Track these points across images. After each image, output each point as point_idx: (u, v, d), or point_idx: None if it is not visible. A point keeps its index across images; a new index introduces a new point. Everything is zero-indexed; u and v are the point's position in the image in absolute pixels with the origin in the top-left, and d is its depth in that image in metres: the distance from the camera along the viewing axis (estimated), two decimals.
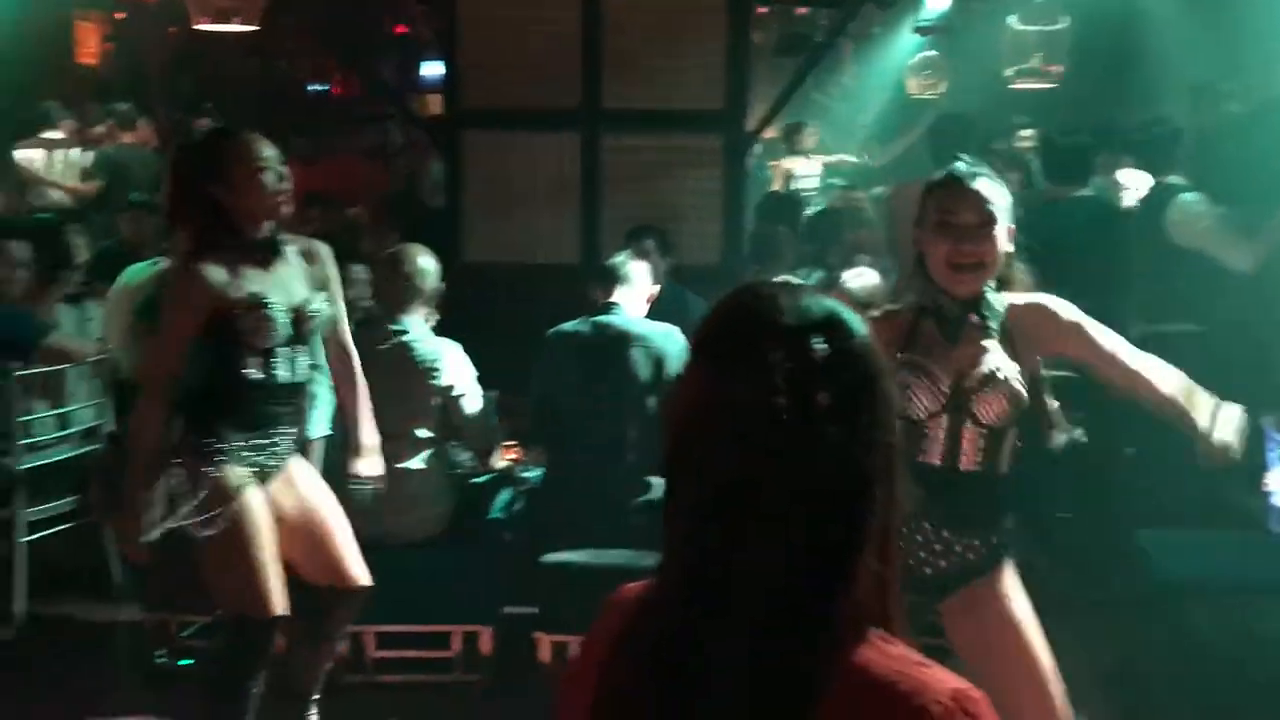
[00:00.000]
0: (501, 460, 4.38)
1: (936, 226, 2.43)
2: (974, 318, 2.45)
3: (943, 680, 1.02)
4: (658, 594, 1.10)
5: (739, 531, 1.02)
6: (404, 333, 3.83)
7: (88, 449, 4.56)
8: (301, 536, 3.20)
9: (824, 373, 1.02)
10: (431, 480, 3.90)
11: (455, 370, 3.87)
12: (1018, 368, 2.44)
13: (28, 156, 7.84)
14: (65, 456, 4.48)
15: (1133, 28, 8.19)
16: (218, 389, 3.00)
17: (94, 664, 4.18)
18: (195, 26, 6.40)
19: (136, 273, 5.65)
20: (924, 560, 2.47)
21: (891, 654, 1.04)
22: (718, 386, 1.04)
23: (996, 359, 2.43)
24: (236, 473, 3.02)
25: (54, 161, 7.83)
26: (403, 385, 3.80)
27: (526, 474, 4.46)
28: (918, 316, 2.48)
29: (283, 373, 3.07)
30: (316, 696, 3.37)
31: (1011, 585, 2.51)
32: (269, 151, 3.02)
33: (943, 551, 2.47)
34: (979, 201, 2.42)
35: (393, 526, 3.85)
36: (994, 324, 2.45)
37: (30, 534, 4.31)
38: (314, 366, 3.26)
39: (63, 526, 4.53)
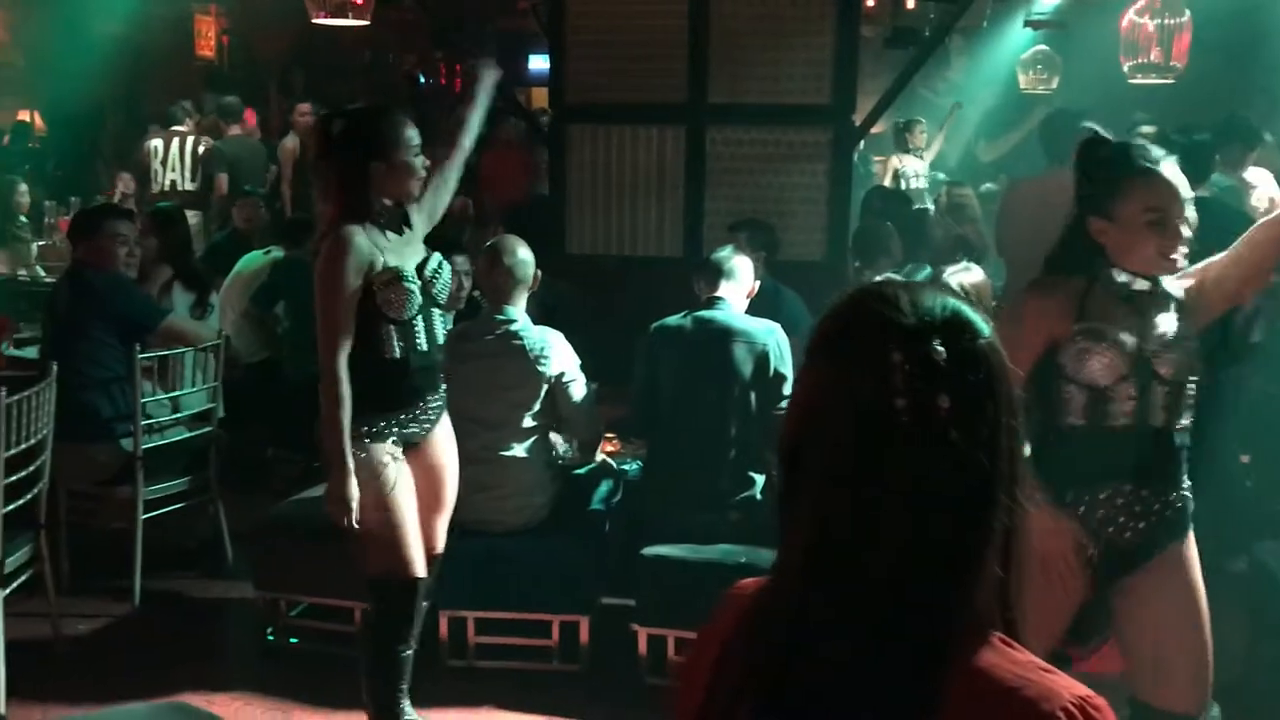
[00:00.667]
0: (601, 452, 4.42)
1: (1149, 226, 2.45)
2: (1148, 284, 2.52)
3: (1068, 687, 1.00)
4: (774, 592, 1.09)
5: (859, 533, 1.01)
6: (511, 322, 3.87)
7: (200, 432, 4.69)
8: (422, 500, 3.31)
9: (946, 375, 1.00)
10: (534, 469, 3.94)
11: (562, 357, 3.90)
12: (1189, 328, 2.54)
13: (153, 146, 8.13)
14: (180, 439, 4.61)
15: (1255, 21, 7.89)
16: (365, 368, 3.08)
17: (207, 640, 4.32)
18: (311, 20, 6.55)
19: (250, 261, 5.85)
20: (1125, 525, 2.52)
21: (1015, 659, 1.02)
22: (838, 387, 1.02)
23: (1171, 320, 2.52)
24: (384, 448, 3.15)
25: (175, 152, 8.12)
26: (511, 373, 3.85)
27: (625, 466, 4.50)
28: (1089, 285, 2.52)
29: (422, 341, 3.16)
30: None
31: (1193, 552, 2.60)
32: (417, 136, 3.14)
33: (1143, 512, 2.52)
34: (1181, 194, 2.47)
35: (494, 513, 3.91)
36: (1165, 288, 2.55)
37: (146, 513, 4.46)
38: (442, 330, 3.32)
39: (176, 506, 4.68)
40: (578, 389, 3.91)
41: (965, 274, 4.23)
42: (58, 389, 3.89)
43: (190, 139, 8.18)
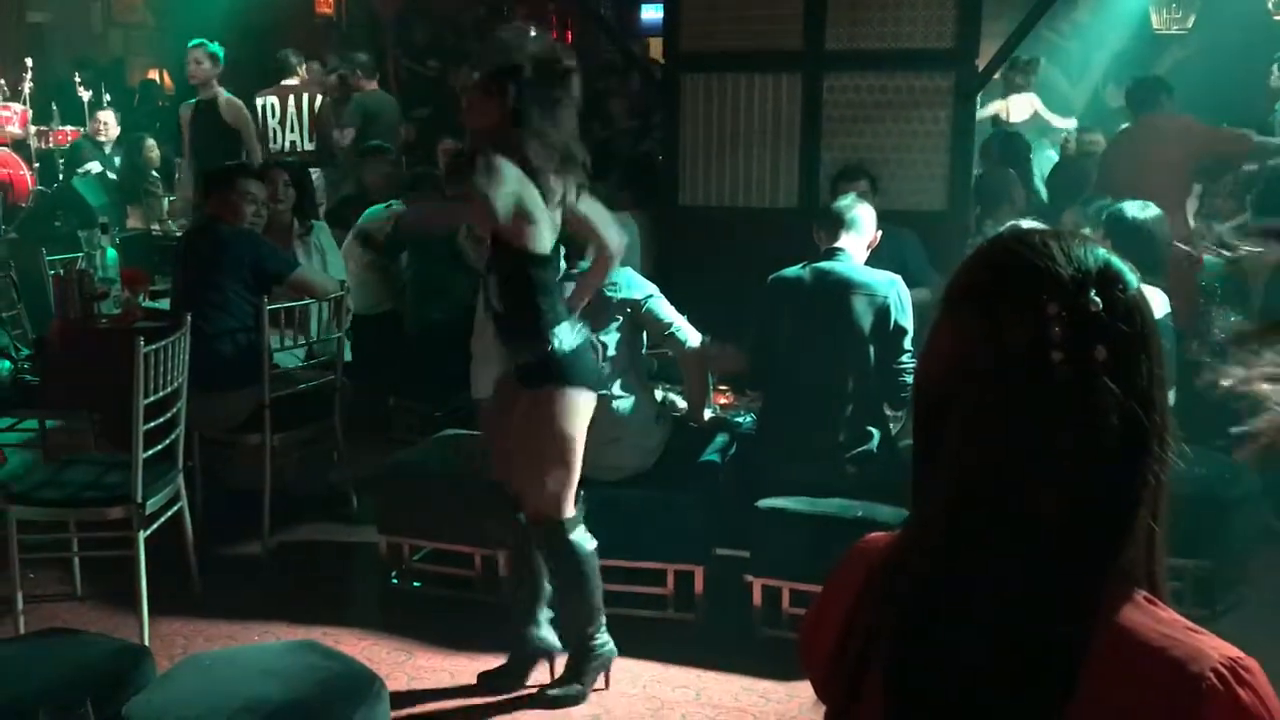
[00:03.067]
0: (714, 405, 4.41)
1: None
2: None
3: (1217, 647, 0.97)
4: (912, 546, 1.07)
5: (1008, 488, 0.98)
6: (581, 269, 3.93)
7: (326, 380, 4.82)
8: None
9: (1102, 326, 0.97)
10: (637, 410, 3.96)
11: (635, 285, 3.93)
12: None
13: (269, 104, 8.28)
14: (306, 387, 4.74)
15: None
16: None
17: (333, 582, 4.47)
18: None
19: (372, 214, 5.96)
20: None
21: (1160, 617, 0.99)
22: (987, 338, 0.99)
23: None
24: None
25: (290, 108, 8.23)
26: (587, 308, 3.87)
27: (738, 419, 4.48)
28: None
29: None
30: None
31: None
32: None
33: None
34: None
35: (601, 458, 3.94)
36: None
37: (275, 459, 4.61)
38: None
39: (303, 453, 4.83)
40: (661, 308, 3.92)
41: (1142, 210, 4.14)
42: (190, 339, 4.03)
43: (306, 96, 8.26)
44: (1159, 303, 3.49)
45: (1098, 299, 0.98)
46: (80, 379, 4.66)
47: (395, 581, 4.25)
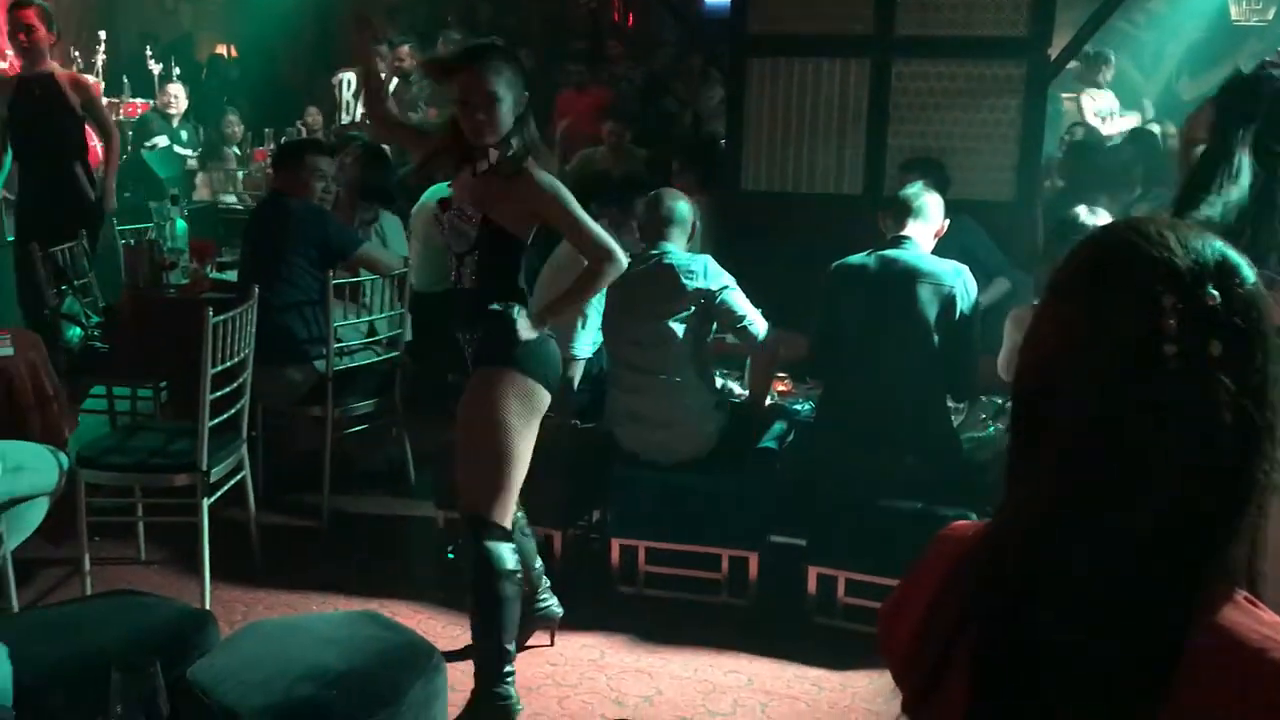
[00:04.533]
0: (772, 393, 4.39)
1: None
2: None
3: None
4: (1009, 534, 1.05)
5: (1115, 483, 0.96)
6: (665, 253, 3.97)
7: (387, 356, 4.86)
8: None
9: (1218, 320, 0.94)
10: (697, 396, 3.96)
11: (714, 275, 3.93)
12: None
13: (345, 79, 8.34)
14: (368, 362, 4.79)
15: None
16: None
17: (390, 555, 4.52)
18: None
19: (436, 192, 5.97)
20: None
21: (1261, 618, 0.96)
22: (1099, 329, 0.97)
23: None
24: None
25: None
26: (660, 288, 3.92)
27: (796, 407, 4.46)
28: None
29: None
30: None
31: None
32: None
33: None
34: None
35: (662, 443, 3.95)
36: None
37: (336, 432, 4.66)
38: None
39: (363, 427, 4.89)
40: (736, 301, 3.91)
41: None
42: (256, 311, 4.08)
43: (384, 74, 8.31)
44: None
45: (1215, 292, 0.95)
46: (148, 347, 4.75)
47: (451, 556, 4.29)
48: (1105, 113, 7.87)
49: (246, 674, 2.54)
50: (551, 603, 3.65)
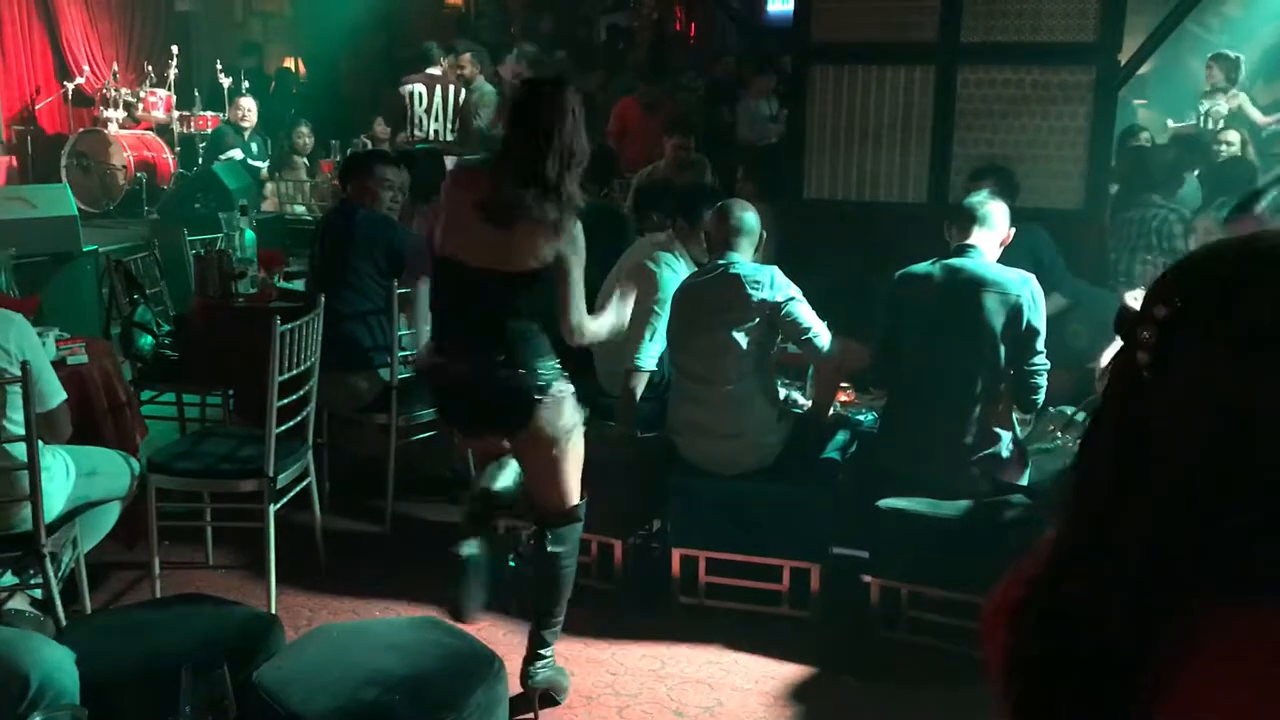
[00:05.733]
0: (835, 403, 4.36)
1: None
2: None
3: None
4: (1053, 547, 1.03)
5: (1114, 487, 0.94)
6: (731, 264, 3.95)
7: None
8: None
9: (1170, 329, 0.91)
10: (760, 407, 3.94)
11: (781, 286, 3.91)
12: None
13: (416, 93, 8.41)
14: None
15: None
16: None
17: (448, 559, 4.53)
18: None
19: None
20: None
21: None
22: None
23: None
24: None
25: (436, 98, 8.35)
26: (725, 299, 3.90)
27: (859, 417, 4.42)
28: None
29: None
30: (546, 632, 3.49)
31: None
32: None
33: None
34: None
35: (724, 454, 3.94)
36: None
37: (399, 440, 4.70)
38: None
39: (427, 435, 4.92)
40: (802, 313, 3.88)
41: None
42: (323, 319, 4.13)
43: (452, 87, 8.36)
44: None
45: (1176, 302, 0.91)
46: (218, 355, 4.83)
47: (513, 565, 4.29)
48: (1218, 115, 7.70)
49: (311, 678, 2.57)
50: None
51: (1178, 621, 0.91)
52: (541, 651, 3.39)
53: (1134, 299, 3.03)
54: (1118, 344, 1.00)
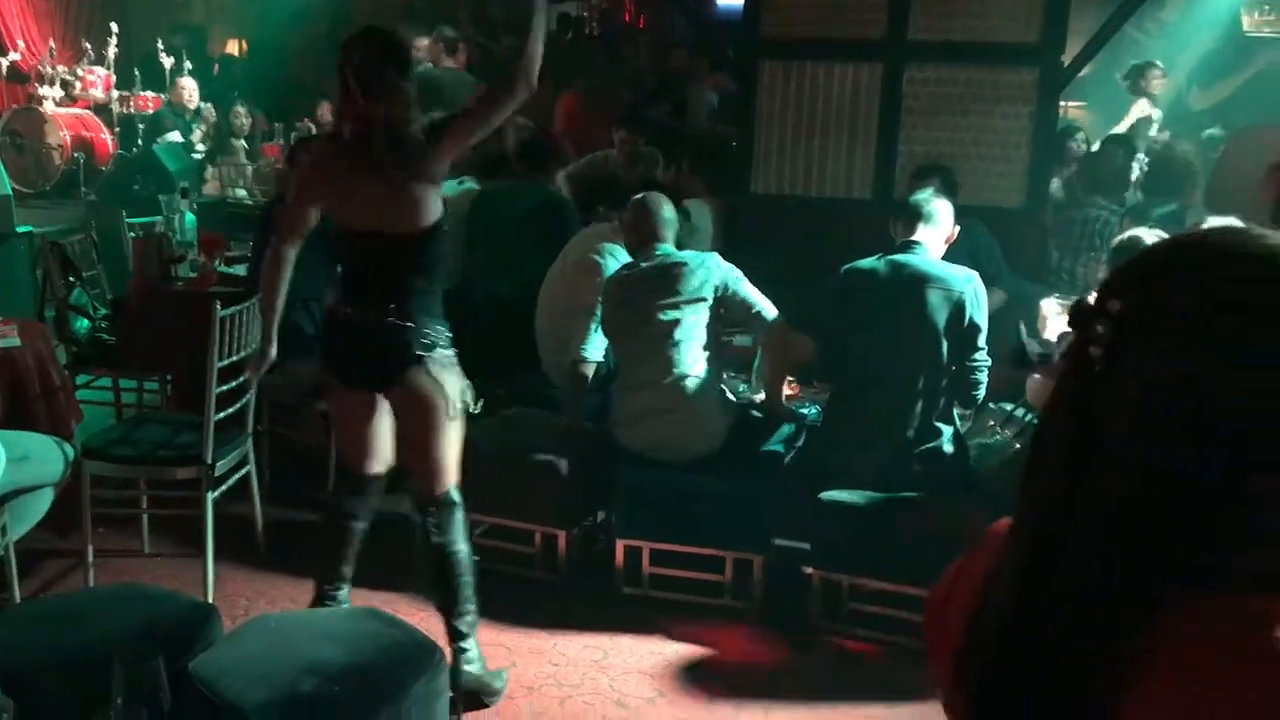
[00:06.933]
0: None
1: None
2: None
3: None
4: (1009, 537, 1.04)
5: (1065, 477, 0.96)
6: (666, 254, 4.03)
7: None
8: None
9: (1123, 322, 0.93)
10: (704, 395, 3.97)
11: (719, 270, 3.97)
12: None
13: None
14: None
15: None
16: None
17: (395, 553, 4.48)
18: None
19: (446, 191, 5.97)
20: None
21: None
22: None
23: None
24: None
25: None
26: (665, 285, 3.95)
27: (804, 411, 4.44)
28: None
29: None
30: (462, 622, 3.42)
31: None
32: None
33: None
34: None
35: (668, 440, 3.95)
36: None
37: None
38: None
39: None
40: (748, 291, 3.96)
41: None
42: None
43: None
44: None
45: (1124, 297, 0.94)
46: (155, 340, 4.75)
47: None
48: (1146, 120, 7.84)
49: (249, 668, 2.53)
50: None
51: (1135, 611, 0.92)
52: (462, 645, 3.31)
53: (1050, 306, 3.08)
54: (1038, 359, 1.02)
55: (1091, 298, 0.98)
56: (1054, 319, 2.98)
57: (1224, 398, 0.90)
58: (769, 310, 3.96)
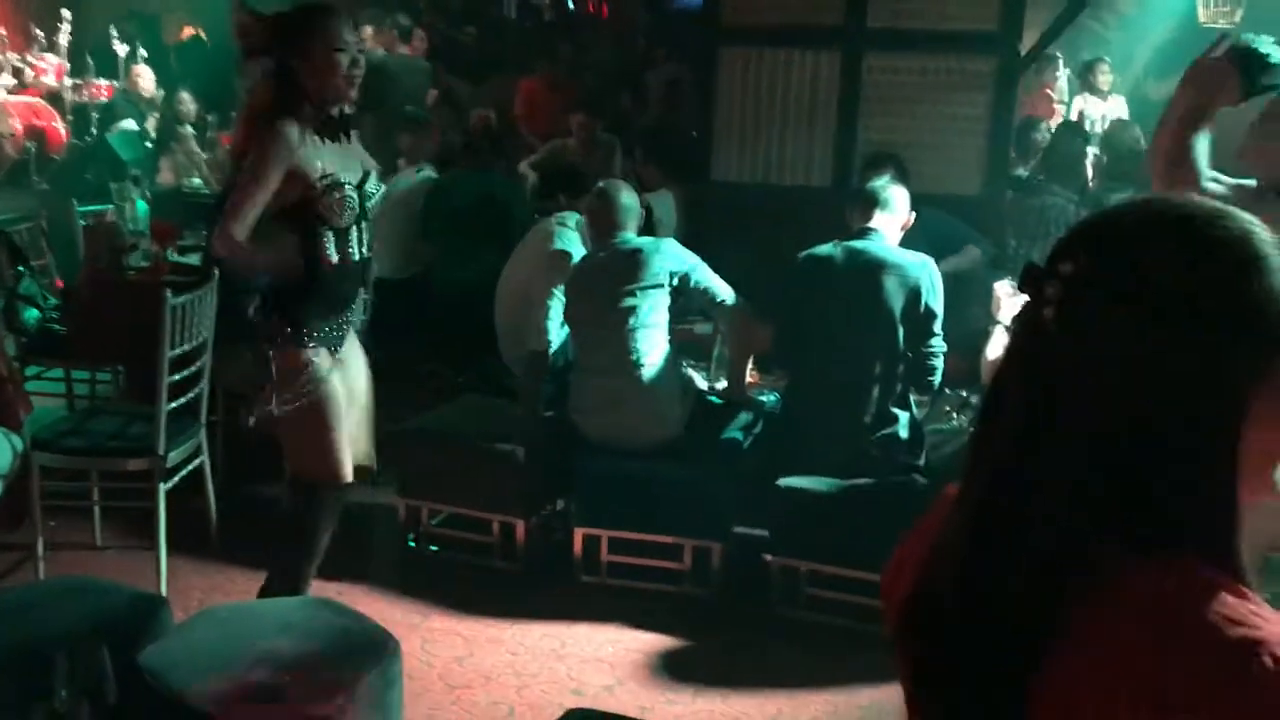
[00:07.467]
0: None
1: None
2: None
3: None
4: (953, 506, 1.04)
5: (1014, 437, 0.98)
6: (625, 241, 4.02)
7: None
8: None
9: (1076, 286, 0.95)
10: (663, 382, 3.97)
11: (678, 257, 3.98)
12: None
13: None
14: None
15: None
16: (307, 273, 3.10)
17: (352, 542, 4.45)
18: None
19: (402, 180, 5.94)
20: None
21: (1222, 595, 0.90)
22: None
23: None
24: (318, 353, 3.14)
25: None
26: (624, 271, 3.95)
27: (762, 398, 4.45)
28: None
29: (354, 250, 3.15)
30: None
31: None
32: (349, 35, 3.10)
33: None
34: None
35: (626, 429, 3.95)
36: None
37: None
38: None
39: None
40: (709, 278, 3.97)
41: None
42: (217, 294, 4.02)
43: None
44: None
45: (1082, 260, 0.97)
46: (107, 330, 4.67)
47: (413, 545, 4.25)
48: (1095, 118, 7.90)
49: (199, 659, 2.50)
50: None
51: (1075, 572, 0.93)
52: None
53: (1003, 288, 3.10)
54: (1000, 334, 1.03)
55: (1005, 290, 1.01)
56: (1007, 301, 3.01)
57: (1171, 355, 0.91)
58: (729, 296, 3.96)
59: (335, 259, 3.11)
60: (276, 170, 2.99)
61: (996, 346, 3.02)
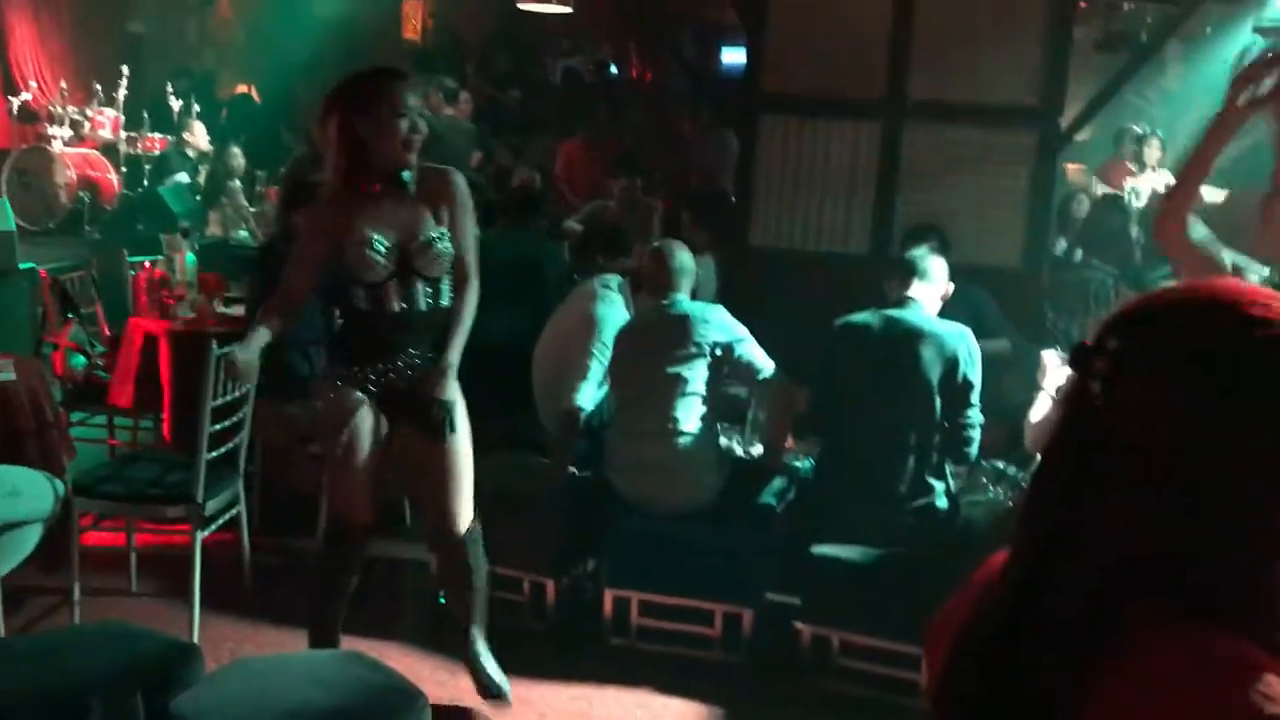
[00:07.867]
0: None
1: None
2: None
3: None
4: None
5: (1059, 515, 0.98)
6: (674, 303, 4.04)
7: None
8: (421, 471, 3.42)
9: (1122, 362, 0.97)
10: (702, 448, 3.96)
11: (725, 326, 4.00)
12: None
13: None
14: None
15: None
16: (342, 318, 3.35)
17: (383, 597, 4.47)
18: (515, 4, 6.69)
19: None
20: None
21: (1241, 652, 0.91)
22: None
23: None
24: (353, 394, 3.27)
25: None
26: (670, 339, 3.98)
27: (797, 464, 4.43)
28: None
29: (394, 304, 3.23)
30: (477, 628, 3.56)
31: None
32: (413, 100, 3.22)
33: None
34: None
35: (662, 492, 3.94)
36: None
37: None
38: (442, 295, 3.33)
39: None
40: (754, 353, 3.97)
41: None
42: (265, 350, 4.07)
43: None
44: None
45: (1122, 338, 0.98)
46: (151, 378, 4.75)
47: (443, 601, 4.24)
48: (1141, 193, 7.88)
49: (230, 709, 2.51)
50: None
51: (1114, 640, 0.93)
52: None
53: (1050, 357, 3.09)
54: (1044, 400, 1.05)
55: (1054, 359, 1.03)
56: (1054, 370, 3.01)
57: (1221, 432, 0.92)
58: (769, 370, 3.97)
59: (364, 307, 3.23)
60: (317, 242, 3.25)
61: (1040, 411, 3.02)
